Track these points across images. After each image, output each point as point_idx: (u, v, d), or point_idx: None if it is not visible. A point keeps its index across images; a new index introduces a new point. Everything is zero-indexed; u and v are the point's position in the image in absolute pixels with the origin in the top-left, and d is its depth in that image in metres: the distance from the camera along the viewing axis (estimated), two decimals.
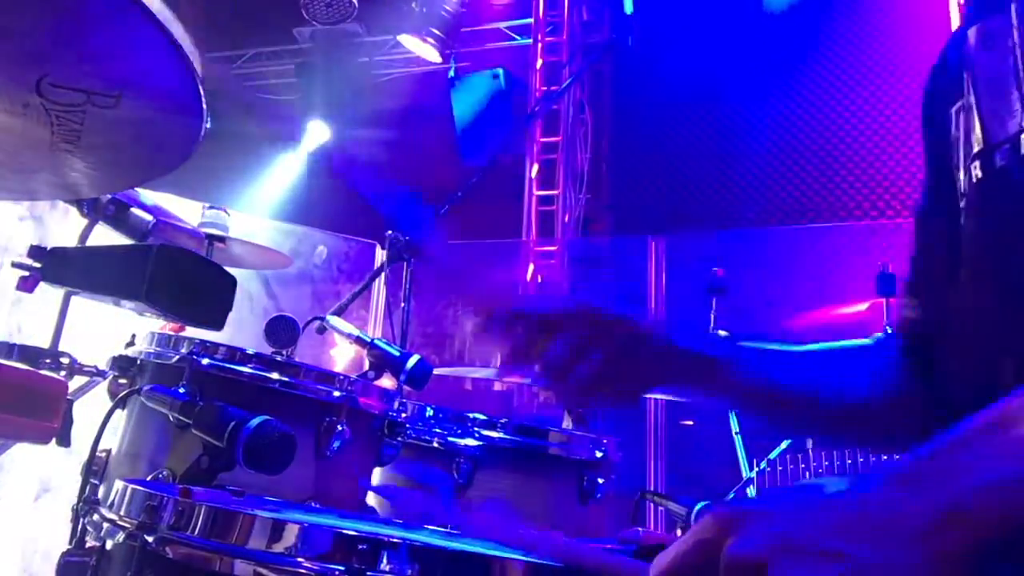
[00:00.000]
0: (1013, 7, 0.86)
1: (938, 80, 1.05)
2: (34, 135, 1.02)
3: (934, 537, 0.53)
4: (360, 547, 0.77)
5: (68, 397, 1.59)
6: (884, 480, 0.57)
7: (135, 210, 1.91)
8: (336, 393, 1.69)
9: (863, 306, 3.49)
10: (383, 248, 2.76)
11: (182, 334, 1.81)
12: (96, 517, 0.99)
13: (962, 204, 0.92)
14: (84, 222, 1.90)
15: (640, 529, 1.67)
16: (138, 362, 1.70)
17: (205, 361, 1.62)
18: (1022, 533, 0.52)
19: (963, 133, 0.92)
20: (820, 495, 0.59)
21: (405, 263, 2.63)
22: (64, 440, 1.60)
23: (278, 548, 0.80)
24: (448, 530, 1.19)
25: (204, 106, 1.00)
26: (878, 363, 1.12)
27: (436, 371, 1.91)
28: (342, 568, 0.76)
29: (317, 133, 6.91)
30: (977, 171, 0.88)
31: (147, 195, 2.17)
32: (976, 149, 0.88)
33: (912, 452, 0.58)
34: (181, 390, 1.53)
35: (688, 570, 0.60)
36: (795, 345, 1.13)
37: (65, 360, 1.84)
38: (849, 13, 5.47)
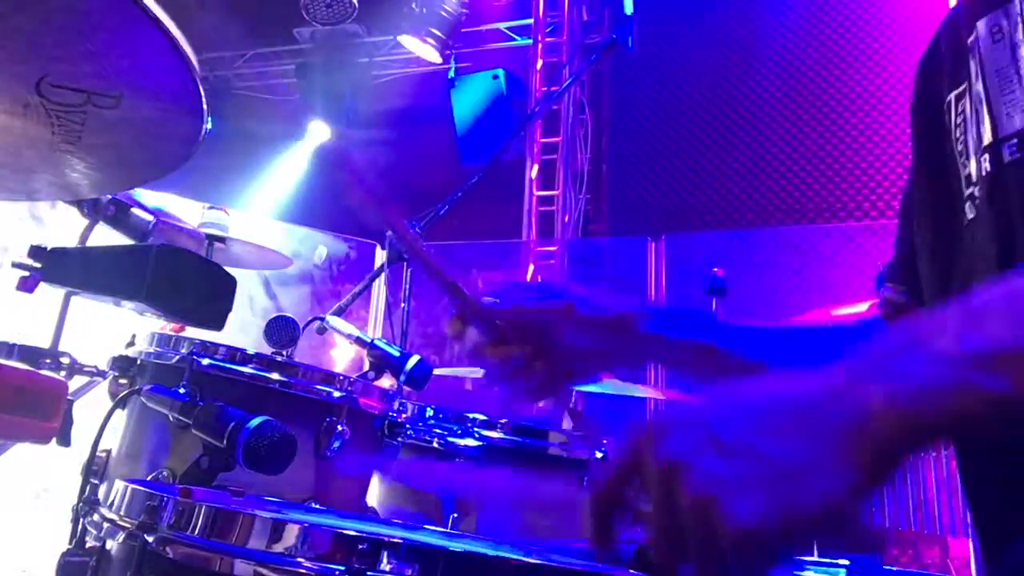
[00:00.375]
0: (1018, 2, 0.87)
1: (932, 64, 1.05)
2: (34, 135, 1.02)
3: (857, 434, 0.55)
4: (360, 547, 0.77)
5: (68, 397, 1.59)
6: (815, 380, 0.59)
7: (135, 210, 1.91)
8: (336, 393, 1.69)
9: (863, 306, 3.48)
10: (383, 248, 2.76)
11: (182, 334, 1.81)
12: (96, 517, 0.99)
13: (967, 193, 0.92)
14: (84, 222, 1.90)
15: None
16: (138, 362, 1.70)
17: (205, 361, 1.62)
18: (933, 431, 0.56)
19: (973, 123, 0.92)
20: (751, 395, 0.61)
21: (405, 263, 2.63)
22: (64, 440, 1.60)
23: (278, 548, 0.80)
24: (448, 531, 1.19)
25: (204, 106, 1.00)
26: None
27: (436, 371, 1.91)
28: (342, 568, 0.76)
29: (317, 133, 6.91)
30: (986, 164, 0.89)
31: (147, 195, 2.17)
32: (986, 142, 0.89)
33: (846, 354, 0.60)
34: (181, 390, 1.53)
35: (621, 479, 0.62)
36: (775, 326, 1.15)
37: (65, 360, 1.84)
38: (850, 13, 5.47)
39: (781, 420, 0.58)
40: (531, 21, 6.39)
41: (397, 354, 1.87)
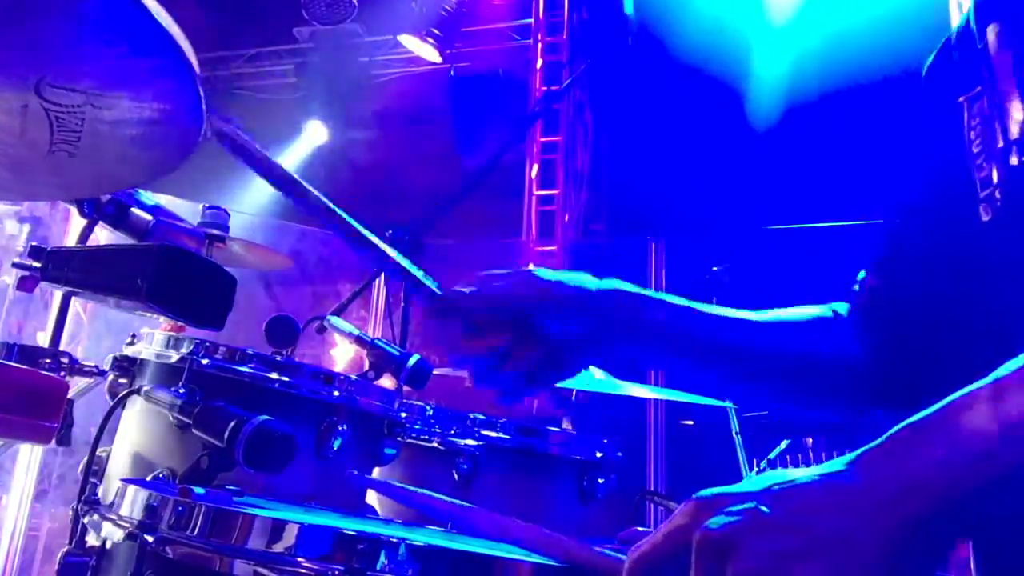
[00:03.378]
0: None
1: (943, 65, 1.06)
2: (34, 135, 1.02)
3: (889, 508, 0.59)
4: (360, 547, 0.77)
5: (68, 397, 1.59)
6: (847, 464, 0.63)
7: (135, 210, 1.91)
8: (336, 393, 1.69)
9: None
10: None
11: (182, 334, 1.80)
12: (96, 517, 0.99)
13: (984, 194, 0.93)
14: (84, 222, 1.90)
15: (640, 529, 1.67)
16: (138, 362, 1.70)
17: (205, 361, 1.61)
18: (961, 505, 0.59)
19: (990, 126, 0.93)
20: (791, 481, 0.64)
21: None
22: (64, 440, 1.60)
23: (278, 548, 0.80)
24: (448, 529, 1.19)
25: (204, 106, 1.00)
26: (833, 332, 1.19)
27: (436, 371, 1.91)
28: (342, 568, 0.76)
29: (316, 133, 6.90)
30: (996, 169, 0.90)
31: (147, 195, 2.17)
32: (1000, 145, 0.90)
33: (872, 443, 0.64)
34: (181, 390, 1.53)
35: (662, 557, 0.63)
36: (751, 312, 1.18)
37: (65, 360, 1.84)
38: (850, 12, 5.47)
39: (823, 499, 0.61)
40: (531, 21, 6.38)
41: (397, 353, 1.86)
